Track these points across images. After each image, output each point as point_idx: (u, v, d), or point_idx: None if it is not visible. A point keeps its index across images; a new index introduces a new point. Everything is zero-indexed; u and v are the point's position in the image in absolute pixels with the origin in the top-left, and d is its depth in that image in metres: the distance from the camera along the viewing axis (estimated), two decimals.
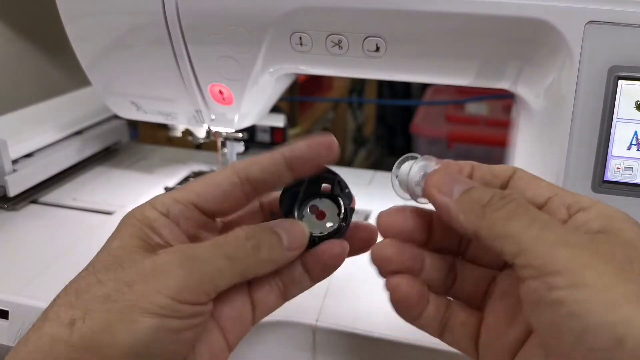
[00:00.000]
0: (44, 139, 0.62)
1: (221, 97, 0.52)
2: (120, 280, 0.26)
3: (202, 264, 0.27)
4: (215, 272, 0.27)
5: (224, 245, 0.28)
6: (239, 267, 0.28)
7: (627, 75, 0.37)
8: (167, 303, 0.25)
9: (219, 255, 0.27)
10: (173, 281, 0.26)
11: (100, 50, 0.52)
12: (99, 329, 0.25)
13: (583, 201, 0.26)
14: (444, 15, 0.41)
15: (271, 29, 0.45)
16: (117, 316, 0.25)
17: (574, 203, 0.27)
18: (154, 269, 0.26)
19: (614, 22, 0.37)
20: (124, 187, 0.64)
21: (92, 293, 0.26)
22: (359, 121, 1.44)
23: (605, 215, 0.26)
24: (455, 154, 1.00)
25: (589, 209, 0.26)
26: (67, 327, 0.25)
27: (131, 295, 0.25)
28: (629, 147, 0.38)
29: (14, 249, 0.51)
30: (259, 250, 0.28)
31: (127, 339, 0.25)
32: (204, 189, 0.30)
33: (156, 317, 0.25)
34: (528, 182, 0.29)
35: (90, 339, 0.25)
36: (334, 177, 0.33)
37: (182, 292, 0.26)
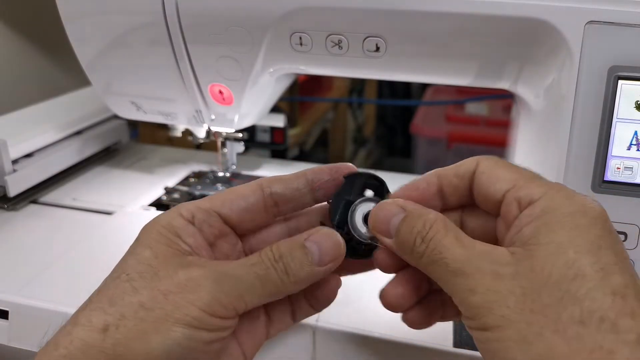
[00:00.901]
0: (44, 139, 0.62)
1: (221, 97, 0.52)
2: (156, 289, 0.27)
3: (235, 281, 0.28)
4: (247, 290, 0.28)
5: (256, 266, 0.29)
6: (270, 288, 0.28)
7: (627, 75, 0.37)
8: (200, 315, 0.26)
9: (250, 274, 0.28)
10: (207, 295, 0.27)
11: (100, 50, 0.52)
12: (133, 337, 0.25)
13: (534, 193, 0.26)
14: (444, 15, 0.41)
15: (271, 29, 0.45)
16: (152, 325, 0.26)
17: (525, 196, 0.27)
18: (188, 281, 0.27)
19: (614, 22, 0.37)
20: (124, 187, 0.64)
21: (126, 300, 0.26)
22: (359, 121, 1.44)
23: (545, 212, 0.25)
24: (455, 154, 1.00)
25: (536, 203, 0.26)
26: (100, 332, 0.25)
27: (166, 305, 0.26)
28: (629, 147, 0.38)
29: (14, 248, 0.51)
30: (287, 274, 0.29)
31: (160, 347, 0.25)
32: (228, 198, 0.31)
33: (189, 328, 0.26)
34: (489, 177, 0.29)
35: (124, 345, 0.25)
36: (382, 183, 0.33)
37: (214, 306, 0.27)
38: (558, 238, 0.24)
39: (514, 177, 0.28)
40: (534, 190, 0.26)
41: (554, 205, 0.25)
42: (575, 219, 0.25)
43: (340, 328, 0.40)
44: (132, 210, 0.58)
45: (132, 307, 0.26)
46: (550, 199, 0.26)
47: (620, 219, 0.39)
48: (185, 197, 0.62)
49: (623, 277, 0.23)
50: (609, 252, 0.24)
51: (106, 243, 0.52)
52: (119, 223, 0.55)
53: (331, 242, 0.30)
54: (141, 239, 0.30)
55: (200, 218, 0.30)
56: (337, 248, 0.30)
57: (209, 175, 0.66)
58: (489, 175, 0.29)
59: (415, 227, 0.27)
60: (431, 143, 1.03)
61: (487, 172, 0.29)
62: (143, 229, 0.30)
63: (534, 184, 0.27)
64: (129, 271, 0.28)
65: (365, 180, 0.33)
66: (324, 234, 0.30)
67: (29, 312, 0.42)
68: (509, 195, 0.27)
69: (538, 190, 0.26)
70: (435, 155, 1.03)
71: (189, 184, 0.65)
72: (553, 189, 0.26)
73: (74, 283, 0.45)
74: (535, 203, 0.26)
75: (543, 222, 0.25)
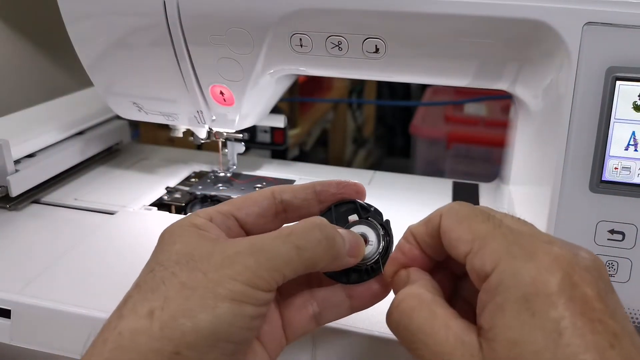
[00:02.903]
0: (46, 139, 0.62)
1: (222, 98, 0.53)
2: (194, 269, 0.27)
3: (271, 253, 0.28)
4: (285, 263, 0.28)
5: (294, 234, 0.29)
6: (308, 257, 0.29)
7: (625, 76, 0.38)
8: (243, 289, 0.26)
9: (288, 244, 0.28)
10: (245, 269, 0.27)
11: (102, 51, 0.52)
12: (180, 315, 0.25)
13: (486, 264, 0.25)
14: (443, 17, 0.41)
15: (271, 30, 0.45)
16: (197, 302, 0.26)
17: (480, 267, 0.25)
18: (225, 259, 0.27)
19: (612, 23, 0.38)
20: (125, 187, 0.64)
21: (167, 284, 0.26)
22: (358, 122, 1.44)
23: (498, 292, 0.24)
24: (455, 154, 1.01)
25: (490, 278, 0.25)
26: (147, 318, 0.25)
27: (208, 283, 0.26)
28: (626, 147, 0.39)
29: (16, 248, 0.51)
30: (333, 244, 0.30)
31: (208, 324, 0.25)
32: (244, 203, 0.33)
33: (234, 303, 0.26)
34: (450, 239, 0.28)
35: (171, 327, 0.25)
36: (354, 203, 0.34)
37: (255, 279, 0.27)
38: (513, 334, 0.23)
39: (470, 236, 0.27)
40: (486, 259, 0.25)
41: (506, 284, 0.24)
42: (529, 304, 0.23)
43: (340, 327, 0.40)
44: (133, 210, 0.58)
45: (174, 288, 0.26)
46: (501, 273, 0.24)
47: (618, 219, 0.39)
48: (186, 197, 0.62)
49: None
50: (571, 336, 0.22)
51: (108, 243, 0.52)
52: (120, 223, 0.55)
53: (357, 240, 0.32)
54: (165, 238, 0.30)
55: (218, 220, 0.31)
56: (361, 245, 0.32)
57: (210, 175, 0.67)
58: (450, 237, 0.28)
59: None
60: (430, 143, 1.03)
61: (448, 232, 0.28)
62: (163, 233, 0.31)
63: (488, 248, 0.26)
64: (163, 263, 0.28)
65: (336, 211, 0.34)
66: (347, 231, 0.32)
67: (31, 311, 0.43)
68: (467, 263, 0.26)
69: (490, 258, 0.25)
70: (435, 156, 1.03)
71: (190, 184, 0.65)
72: (507, 255, 0.25)
73: (76, 282, 0.45)
74: (489, 278, 0.25)
75: (498, 306, 0.24)
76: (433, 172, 1.03)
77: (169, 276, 0.27)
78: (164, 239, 0.30)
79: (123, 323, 0.26)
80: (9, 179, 0.56)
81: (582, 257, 0.25)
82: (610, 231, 0.39)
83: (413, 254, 0.31)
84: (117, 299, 0.28)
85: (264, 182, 0.65)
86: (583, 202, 0.40)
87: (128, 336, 0.25)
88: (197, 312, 0.25)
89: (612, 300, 0.24)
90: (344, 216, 0.34)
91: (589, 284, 0.23)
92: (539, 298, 0.23)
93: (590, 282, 0.23)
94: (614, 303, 0.24)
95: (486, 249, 0.26)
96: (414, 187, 0.66)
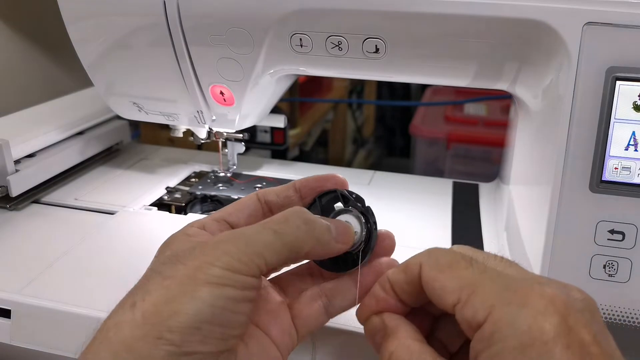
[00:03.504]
0: (46, 139, 0.62)
1: (222, 98, 0.53)
2: (176, 263, 0.28)
3: (250, 238, 0.29)
4: (264, 247, 0.29)
5: (272, 221, 0.30)
6: (288, 241, 0.29)
7: (625, 76, 0.38)
8: (222, 273, 0.27)
9: (266, 230, 0.29)
10: (224, 254, 0.27)
11: (102, 52, 0.52)
12: (161, 302, 0.26)
13: (478, 313, 0.25)
14: (443, 17, 0.41)
15: (271, 30, 0.45)
16: (177, 289, 0.26)
17: (472, 317, 0.25)
18: (206, 248, 0.28)
19: (612, 23, 0.38)
20: (125, 187, 0.64)
21: (151, 281, 0.28)
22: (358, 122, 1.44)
23: (493, 342, 0.24)
24: (454, 154, 1.01)
25: (483, 327, 0.24)
26: (129, 310, 0.26)
27: (187, 270, 0.27)
28: (626, 148, 0.39)
29: (16, 248, 0.51)
30: (313, 227, 0.31)
31: (190, 308, 0.26)
32: (233, 208, 0.35)
33: (215, 286, 0.26)
34: (433, 289, 0.28)
35: (152, 313, 0.26)
36: (335, 192, 0.36)
37: (234, 263, 0.27)
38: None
39: (456, 285, 0.26)
40: (478, 307, 0.25)
41: (502, 333, 0.24)
42: (526, 353, 0.23)
43: (340, 327, 0.40)
44: (133, 210, 0.58)
45: (156, 282, 0.27)
46: (496, 322, 0.24)
47: (618, 219, 0.39)
48: (186, 197, 0.62)
49: None
50: None
51: (108, 243, 0.52)
52: (120, 223, 0.55)
53: (345, 227, 0.33)
54: (160, 249, 0.32)
55: (212, 227, 0.33)
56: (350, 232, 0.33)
57: (210, 175, 0.67)
58: (433, 287, 0.28)
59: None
60: (430, 143, 1.03)
61: (431, 282, 0.28)
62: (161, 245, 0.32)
63: (477, 296, 0.25)
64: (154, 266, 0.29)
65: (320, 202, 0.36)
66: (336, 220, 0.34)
67: (31, 311, 0.43)
68: (457, 313, 0.26)
69: (482, 307, 0.25)
70: (435, 156, 1.03)
71: (190, 184, 0.65)
72: (500, 302, 0.24)
73: (76, 282, 0.45)
74: (482, 327, 0.24)
75: (494, 355, 0.24)
76: (433, 172, 1.03)
77: (154, 275, 0.28)
78: (159, 249, 0.32)
79: (109, 320, 0.27)
80: (9, 179, 0.56)
81: (575, 298, 0.25)
82: (610, 231, 0.39)
83: (387, 303, 0.31)
84: (117, 299, 0.28)
85: (264, 182, 0.65)
86: (583, 202, 0.40)
87: (113, 329, 0.26)
88: (177, 297, 0.26)
89: (607, 343, 0.24)
90: (329, 205, 0.35)
91: (584, 327, 0.23)
92: (535, 347, 0.23)
93: (585, 324, 0.23)
94: (609, 345, 0.24)
95: (476, 297, 0.25)
96: (414, 187, 0.66)
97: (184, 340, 0.25)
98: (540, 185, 0.43)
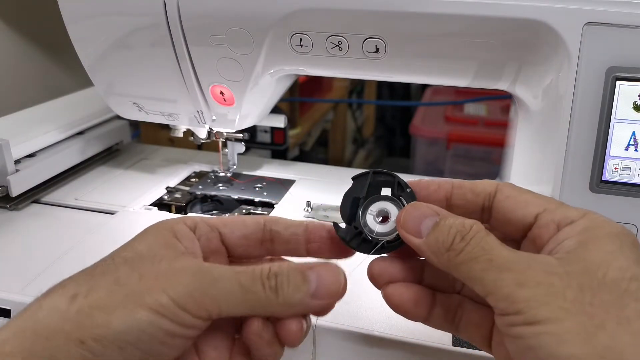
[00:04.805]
0: (46, 139, 0.62)
1: (222, 98, 0.53)
2: (135, 270, 0.27)
3: (214, 281, 0.27)
4: (223, 295, 0.27)
5: (242, 274, 0.28)
6: (250, 300, 0.27)
7: (625, 76, 0.38)
8: (168, 304, 0.26)
9: (233, 280, 0.27)
10: (181, 287, 0.26)
11: (102, 52, 0.52)
12: (98, 306, 0.25)
13: (573, 215, 0.27)
14: (443, 17, 0.41)
15: (272, 31, 0.45)
16: (119, 300, 0.26)
17: (564, 218, 0.27)
18: (168, 270, 0.27)
19: (612, 23, 0.38)
20: (125, 187, 0.64)
21: (104, 276, 0.27)
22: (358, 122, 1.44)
23: (588, 229, 0.26)
24: (454, 154, 1.01)
25: (577, 222, 0.27)
26: (68, 299, 0.26)
27: (139, 286, 0.26)
28: (626, 148, 0.39)
29: (16, 248, 0.51)
30: (276, 293, 0.28)
31: (121, 324, 0.25)
32: (232, 221, 0.33)
33: (153, 314, 0.25)
34: (516, 201, 0.29)
35: (86, 314, 0.25)
36: (394, 179, 0.33)
37: (186, 299, 0.26)
38: (607, 247, 0.25)
39: (542, 202, 0.29)
40: (572, 212, 0.27)
41: (597, 225, 0.26)
42: (620, 237, 0.26)
43: (340, 327, 0.40)
44: (134, 209, 0.58)
45: (106, 281, 0.26)
46: (591, 219, 0.27)
47: (618, 219, 0.39)
48: (186, 197, 0.62)
49: None
50: None
51: (108, 242, 0.51)
52: (120, 223, 0.56)
53: (333, 278, 0.29)
54: (140, 236, 0.30)
55: (202, 230, 0.31)
56: (337, 286, 0.29)
57: (210, 175, 0.67)
58: (517, 200, 0.29)
59: (454, 226, 0.27)
60: (430, 143, 1.03)
61: (514, 196, 0.29)
62: (145, 229, 0.31)
63: (568, 208, 0.28)
64: (117, 257, 0.28)
65: (373, 178, 0.33)
66: (329, 268, 0.29)
67: None
68: (543, 217, 0.28)
69: (576, 212, 0.27)
70: (435, 156, 1.03)
71: (190, 184, 0.65)
72: (590, 212, 0.27)
73: None
74: (576, 222, 0.27)
75: (588, 236, 0.26)
76: (433, 172, 1.03)
77: (111, 270, 0.27)
78: (139, 235, 0.30)
79: (47, 299, 0.26)
80: (9, 178, 0.56)
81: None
82: None
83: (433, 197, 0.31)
84: None
85: (264, 182, 0.65)
86: (583, 202, 0.40)
87: (45, 311, 0.26)
88: (115, 309, 0.25)
89: None
90: (378, 186, 0.33)
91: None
92: (628, 237, 0.26)
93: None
94: None
95: (565, 207, 0.28)
96: None
97: (104, 354, 0.25)
98: (540, 185, 0.43)
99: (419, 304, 0.31)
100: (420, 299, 0.31)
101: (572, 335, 0.23)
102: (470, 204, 0.31)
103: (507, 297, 0.25)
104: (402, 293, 0.30)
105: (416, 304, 0.30)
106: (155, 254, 0.28)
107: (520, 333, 0.24)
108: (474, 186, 0.31)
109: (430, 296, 0.31)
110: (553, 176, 0.40)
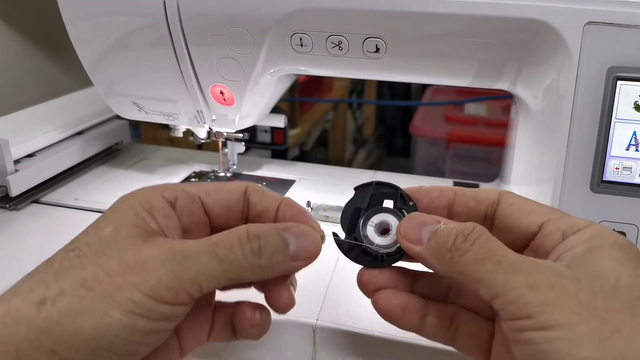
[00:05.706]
0: (46, 139, 0.62)
1: (222, 98, 0.53)
2: (101, 268, 0.25)
3: (188, 261, 0.26)
4: (202, 272, 0.26)
5: (218, 244, 0.27)
6: (231, 269, 0.26)
7: (626, 75, 0.38)
8: (143, 300, 0.24)
9: (209, 253, 0.26)
10: (153, 278, 0.25)
11: (102, 52, 0.52)
12: (67, 314, 0.24)
13: (578, 224, 0.27)
14: (444, 17, 0.41)
15: (272, 30, 0.45)
16: (89, 304, 0.24)
17: (569, 226, 0.27)
18: (136, 262, 0.25)
19: (613, 23, 0.38)
20: (125, 187, 0.64)
21: (70, 275, 0.25)
22: (358, 122, 1.44)
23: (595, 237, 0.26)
24: (454, 154, 1.01)
25: (583, 230, 0.27)
26: (36, 305, 0.24)
27: (108, 286, 0.25)
28: (627, 148, 0.39)
29: (16, 248, 0.51)
30: (259, 255, 0.27)
31: (92, 330, 0.24)
32: (214, 190, 0.31)
33: (127, 314, 0.24)
34: (520, 209, 0.29)
35: (55, 322, 0.24)
36: (396, 191, 0.32)
37: (161, 290, 0.25)
38: (616, 255, 0.25)
39: (547, 210, 0.29)
40: (576, 221, 0.27)
41: (602, 234, 0.26)
42: (625, 247, 0.26)
43: (340, 327, 0.40)
44: None
45: (74, 283, 0.25)
46: (596, 229, 0.27)
47: (619, 219, 0.39)
48: None
49: None
50: None
51: None
52: None
53: (310, 239, 0.29)
54: (110, 211, 0.28)
55: (183, 202, 0.29)
56: (315, 247, 0.29)
57: (210, 175, 0.67)
58: (521, 208, 0.29)
59: (455, 228, 0.27)
60: (430, 143, 1.03)
61: (518, 204, 0.29)
62: (118, 200, 0.29)
63: (572, 217, 0.28)
64: (83, 246, 0.27)
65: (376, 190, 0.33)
66: (305, 230, 0.29)
67: None
68: (548, 226, 0.28)
69: (581, 222, 0.27)
70: (435, 156, 1.03)
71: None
72: (594, 223, 0.27)
73: None
74: (583, 230, 0.27)
75: (596, 243, 0.26)
76: (433, 172, 1.03)
77: (77, 267, 0.25)
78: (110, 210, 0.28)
79: (14, 300, 0.25)
80: (8, 178, 0.56)
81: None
82: None
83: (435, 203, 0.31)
84: None
85: (264, 182, 0.65)
86: (584, 202, 0.40)
87: (12, 316, 0.24)
88: (85, 315, 0.24)
89: None
90: (381, 198, 0.32)
91: None
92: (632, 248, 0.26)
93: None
94: None
95: (569, 216, 0.28)
96: None
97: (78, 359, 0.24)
98: (541, 185, 0.43)
99: (408, 311, 0.30)
100: (409, 306, 0.30)
101: (586, 340, 0.22)
102: (472, 211, 0.30)
103: (518, 300, 0.24)
104: (390, 299, 0.30)
105: (405, 311, 0.30)
106: (120, 241, 0.26)
107: (531, 338, 0.23)
108: (476, 194, 0.30)
109: (421, 305, 0.30)
110: (554, 176, 0.40)
